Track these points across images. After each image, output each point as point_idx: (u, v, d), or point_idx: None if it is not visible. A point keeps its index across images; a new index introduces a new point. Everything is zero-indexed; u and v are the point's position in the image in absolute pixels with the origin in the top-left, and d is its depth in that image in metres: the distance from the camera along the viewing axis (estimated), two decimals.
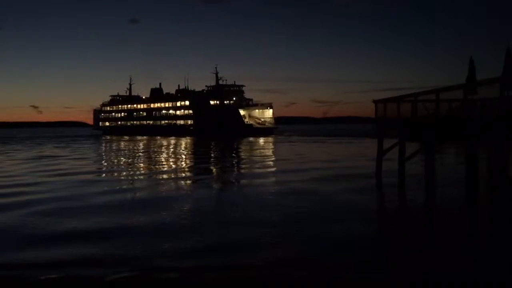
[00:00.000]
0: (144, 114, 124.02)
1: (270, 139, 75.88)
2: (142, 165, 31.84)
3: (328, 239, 10.69)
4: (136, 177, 24.67)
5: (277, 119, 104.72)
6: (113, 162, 34.98)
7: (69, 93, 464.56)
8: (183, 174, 25.72)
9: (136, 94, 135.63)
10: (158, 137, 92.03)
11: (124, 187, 20.81)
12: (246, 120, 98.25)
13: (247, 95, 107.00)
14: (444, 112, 16.36)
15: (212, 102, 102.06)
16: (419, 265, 8.90)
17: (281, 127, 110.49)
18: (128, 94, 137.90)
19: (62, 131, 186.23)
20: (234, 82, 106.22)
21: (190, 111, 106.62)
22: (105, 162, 35.77)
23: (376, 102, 21.85)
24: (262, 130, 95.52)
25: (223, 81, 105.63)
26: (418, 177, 19.21)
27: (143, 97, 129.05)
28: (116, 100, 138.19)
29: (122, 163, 34.00)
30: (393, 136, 21.82)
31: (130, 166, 30.70)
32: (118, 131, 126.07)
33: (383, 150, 21.98)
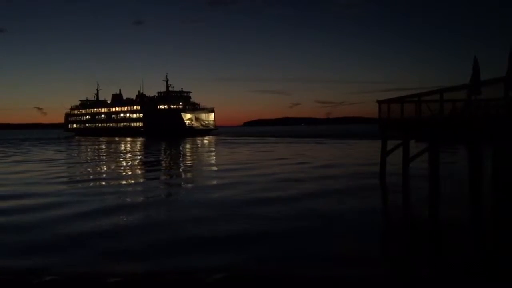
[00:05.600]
0: (105, 117, 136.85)
1: (208, 139, 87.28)
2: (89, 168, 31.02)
3: (327, 237, 11.02)
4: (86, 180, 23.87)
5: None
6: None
7: (73, 94, 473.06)
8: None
9: (103, 99, 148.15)
10: (117, 138, 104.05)
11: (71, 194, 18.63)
12: (193, 122, 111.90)
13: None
14: (447, 113, 16.30)
15: (161, 107, 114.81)
16: (418, 265, 9.00)
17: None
18: (96, 98, 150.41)
19: (44, 132, 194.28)
20: (182, 88, 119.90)
21: (141, 115, 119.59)
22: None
23: (379, 102, 21.91)
24: (201, 131, 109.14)
25: (172, 87, 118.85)
26: (423, 177, 18.96)
27: (109, 102, 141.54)
28: (85, 104, 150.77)
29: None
30: (395, 137, 21.83)
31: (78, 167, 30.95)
32: (85, 132, 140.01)
33: (387, 150, 22.02)
